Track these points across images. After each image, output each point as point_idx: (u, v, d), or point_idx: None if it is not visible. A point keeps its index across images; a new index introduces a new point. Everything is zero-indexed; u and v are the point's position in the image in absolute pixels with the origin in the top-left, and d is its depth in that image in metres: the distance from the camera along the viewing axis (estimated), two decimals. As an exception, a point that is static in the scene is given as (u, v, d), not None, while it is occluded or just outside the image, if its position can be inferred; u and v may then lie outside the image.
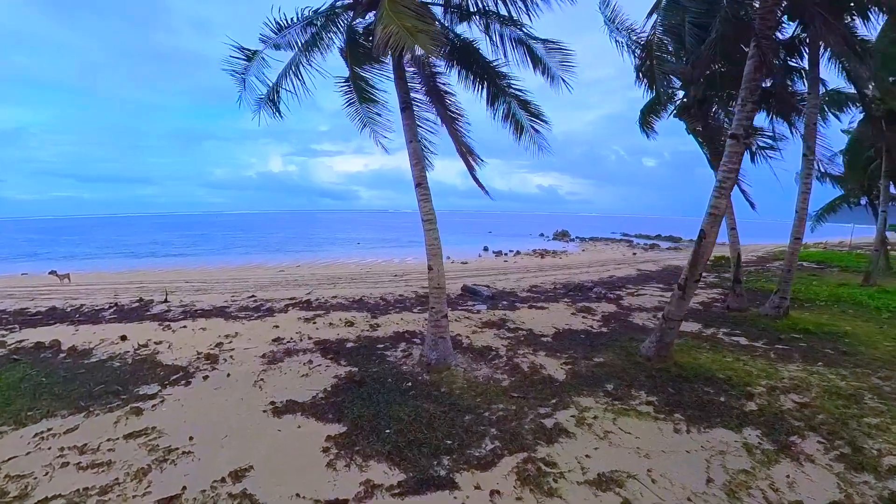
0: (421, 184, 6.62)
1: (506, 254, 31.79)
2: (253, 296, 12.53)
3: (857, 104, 14.39)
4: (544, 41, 7.16)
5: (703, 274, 18.76)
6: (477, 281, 16.46)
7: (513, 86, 7.25)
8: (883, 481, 4.18)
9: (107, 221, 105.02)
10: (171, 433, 4.73)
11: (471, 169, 7.62)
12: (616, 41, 12.28)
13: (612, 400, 5.76)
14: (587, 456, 4.48)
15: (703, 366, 7.08)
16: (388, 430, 4.74)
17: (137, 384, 6.02)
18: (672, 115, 13.01)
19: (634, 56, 12.57)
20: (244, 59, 6.68)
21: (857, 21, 9.80)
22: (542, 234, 49.81)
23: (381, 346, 7.76)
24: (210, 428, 4.86)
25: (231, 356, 7.11)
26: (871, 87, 12.81)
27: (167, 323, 9.24)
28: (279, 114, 7.38)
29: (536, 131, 7.02)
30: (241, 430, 4.82)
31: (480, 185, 8.34)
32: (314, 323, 9.20)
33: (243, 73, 6.77)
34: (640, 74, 11.74)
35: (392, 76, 6.66)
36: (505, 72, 7.15)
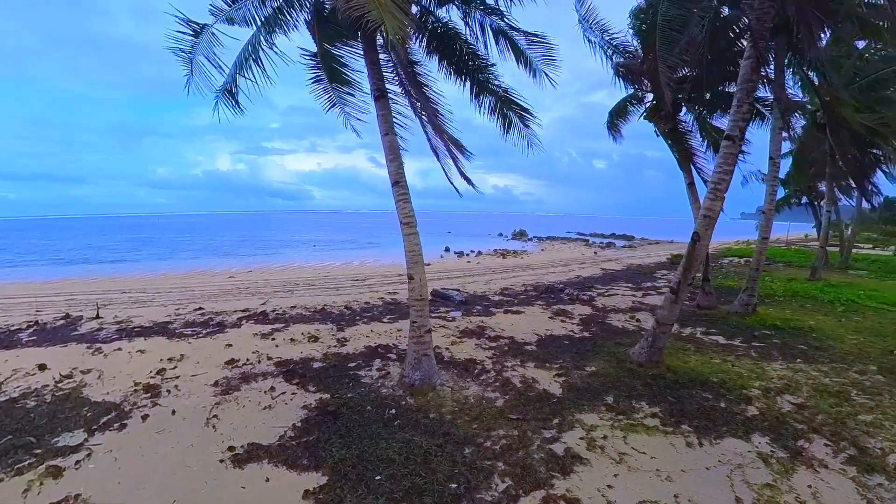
0: (399, 182, 5.84)
1: (467, 254, 31.36)
2: (200, 308, 11.18)
3: (800, 113, 15.04)
4: (527, 34, 6.59)
5: (664, 272, 19.15)
6: (444, 284, 15.80)
7: (496, 82, 6.60)
8: (894, 482, 4.26)
9: (35, 224, 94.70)
10: (100, 502, 3.70)
11: (457, 164, 6.89)
12: (589, 40, 12.08)
13: (615, 415, 5.45)
14: (609, 486, 4.04)
15: (694, 369, 7.00)
16: (378, 477, 3.93)
17: (57, 431, 4.80)
18: (641, 118, 12.93)
19: (607, 56, 12.41)
20: (191, 35, 5.62)
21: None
22: (500, 234, 49.92)
23: (353, 364, 6.89)
24: (153, 491, 3.84)
25: (176, 386, 5.98)
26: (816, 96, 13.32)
27: (98, 345, 7.88)
28: (238, 106, 6.37)
29: (526, 126, 6.43)
30: (194, 491, 3.84)
31: (468, 181, 7.66)
32: (273, 339, 8.16)
33: (191, 53, 5.71)
34: (618, 75, 11.54)
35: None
36: (486, 64, 6.48)
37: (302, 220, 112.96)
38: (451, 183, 7.64)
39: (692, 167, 12.42)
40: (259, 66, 5.89)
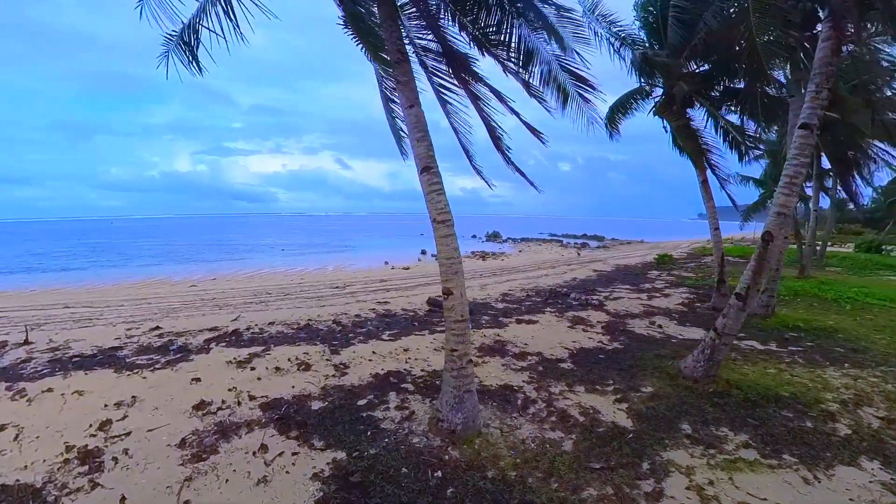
0: (430, 167, 4.38)
1: (446, 256, 30.04)
2: (157, 327, 9.24)
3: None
4: (557, 6, 5.32)
5: (656, 273, 18.48)
6: (431, 290, 14.35)
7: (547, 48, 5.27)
8: None
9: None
10: None
11: (504, 155, 5.52)
12: (595, 32, 11.03)
13: (704, 448, 4.50)
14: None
15: (757, 382, 6.16)
16: None
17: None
18: (651, 113, 12.00)
19: (614, 49, 11.39)
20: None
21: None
22: (474, 236, 48.83)
23: (363, 401, 5.34)
24: None
25: (126, 451, 4.24)
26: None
27: (21, 385, 5.93)
28: (197, 64, 4.75)
29: (586, 100, 5.12)
30: None
31: (522, 173, 6.34)
32: (252, 369, 6.46)
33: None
34: (635, 67, 10.51)
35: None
36: (534, 26, 5.13)
37: (268, 223, 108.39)
38: (519, 171, 6.32)
39: (706, 164, 11.57)
40: (230, 18, 4.32)
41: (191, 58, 4.66)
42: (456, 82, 5.61)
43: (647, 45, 11.43)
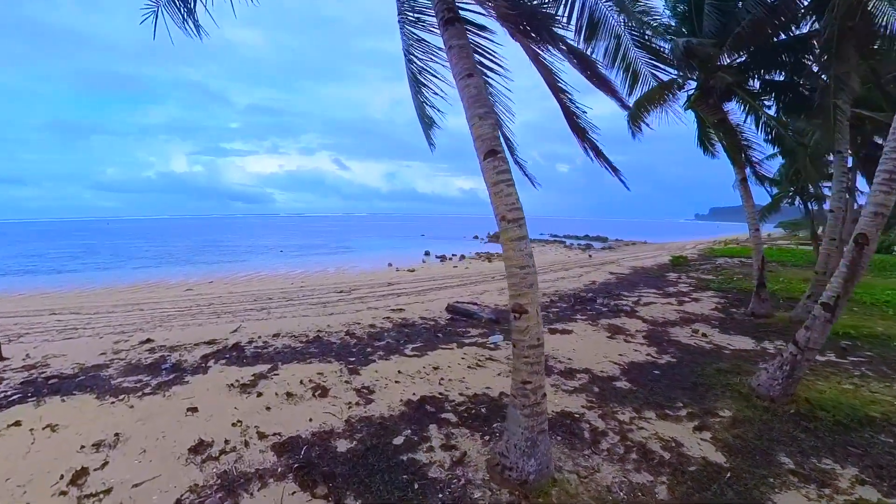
0: (496, 151, 3.40)
1: (450, 258, 29.06)
2: (149, 339, 8.18)
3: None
4: None
5: (675, 276, 17.58)
6: (442, 294, 13.38)
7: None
8: None
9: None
10: None
11: (589, 144, 4.54)
12: (624, 22, 10.12)
13: (817, 488, 3.79)
14: None
15: (839, 401, 5.39)
16: None
17: None
18: (685, 107, 11.08)
19: (646, 38, 10.47)
20: None
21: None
22: (475, 237, 47.87)
23: (400, 440, 4.33)
24: None
25: (104, 516, 3.26)
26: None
27: (-17, 415, 4.93)
28: (195, 24, 3.78)
29: (658, 81, 4.24)
30: None
31: (609, 164, 5.39)
32: (259, 395, 5.41)
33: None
34: (675, 58, 9.59)
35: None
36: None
37: (265, 224, 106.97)
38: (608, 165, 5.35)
39: (746, 161, 10.67)
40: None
41: (185, 15, 3.67)
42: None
43: (677, 34, 10.54)
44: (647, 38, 4.24)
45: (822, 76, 9.63)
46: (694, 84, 10.79)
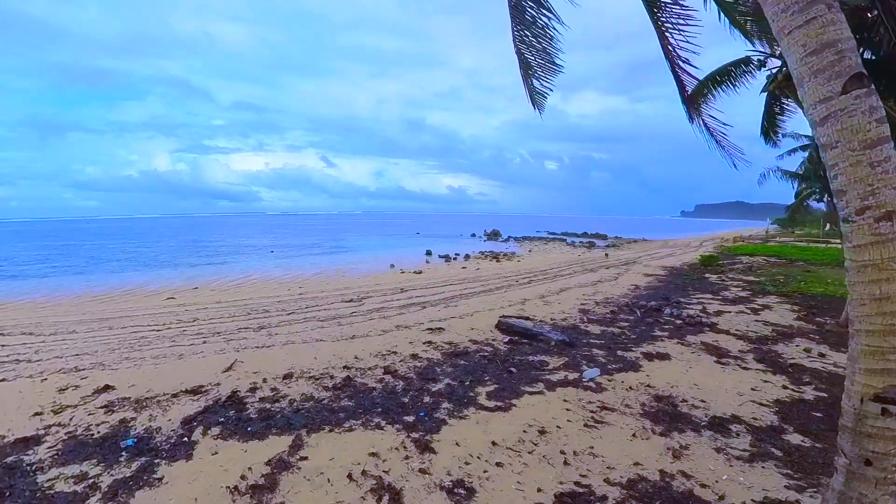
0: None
1: (454, 258, 26.83)
2: (108, 386, 5.69)
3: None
4: None
5: (714, 277, 15.69)
6: (475, 303, 11.07)
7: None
8: None
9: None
10: None
11: None
12: None
13: None
14: None
15: None
16: None
17: None
18: (766, 90, 9.17)
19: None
20: None
21: None
22: (473, 235, 45.68)
23: None
24: None
25: None
26: None
27: None
28: None
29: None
30: None
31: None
32: None
33: None
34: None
35: None
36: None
37: (252, 223, 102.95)
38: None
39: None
40: None
41: None
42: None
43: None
44: None
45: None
46: (777, 63, 8.84)
